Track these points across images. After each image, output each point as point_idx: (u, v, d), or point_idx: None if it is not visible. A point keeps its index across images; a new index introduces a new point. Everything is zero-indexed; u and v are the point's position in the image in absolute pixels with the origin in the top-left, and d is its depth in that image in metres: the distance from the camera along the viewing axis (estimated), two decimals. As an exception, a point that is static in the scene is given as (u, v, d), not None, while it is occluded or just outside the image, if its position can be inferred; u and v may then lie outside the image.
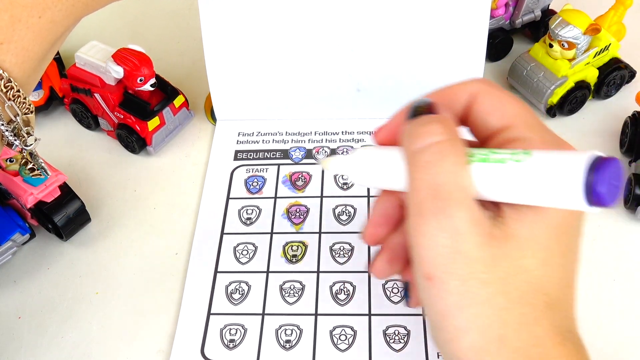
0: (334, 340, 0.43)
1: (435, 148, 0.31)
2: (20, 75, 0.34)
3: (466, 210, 0.30)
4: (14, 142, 0.36)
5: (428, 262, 0.30)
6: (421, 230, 0.30)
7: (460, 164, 0.30)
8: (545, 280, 0.31)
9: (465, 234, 0.30)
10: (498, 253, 0.30)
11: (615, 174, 0.27)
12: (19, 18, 0.33)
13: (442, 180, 0.30)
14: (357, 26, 0.52)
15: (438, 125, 0.31)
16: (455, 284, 0.30)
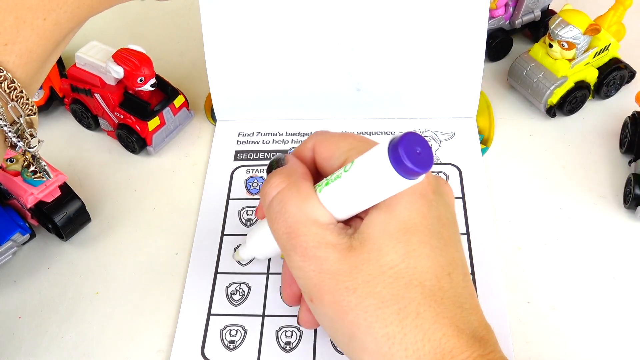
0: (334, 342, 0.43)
1: (278, 197, 0.35)
2: (23, 77, 0.35)
3: (317, 237, 0.33)
4: (17, 143, 0.36)
5: (305, 287, 0.34)
6: (292, 267, 0.35)
7: (303, 201, 0.34)
8: (414, 271, 0.32)
9: (322, 256, 0.33)
10: (358, 260, 0.33)
11: (412, 142, 0.30)
12: (23, 20, 0.34)
13: (290, 221, 0.34)
14: (357, 26, 0.52)
15: (277, 177, 0.36)
16: (328, 297, 0.33)
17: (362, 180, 0.33)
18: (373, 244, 0.33)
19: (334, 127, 0.56)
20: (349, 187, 0.34)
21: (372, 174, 0.32)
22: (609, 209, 0.50)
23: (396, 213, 0.33)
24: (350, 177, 0.33)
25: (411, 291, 0.32)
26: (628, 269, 0.46)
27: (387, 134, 0.55)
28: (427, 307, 0.32)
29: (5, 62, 0.33)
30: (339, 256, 0.33)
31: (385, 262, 0.32)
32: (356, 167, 0.33)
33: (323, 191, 0.35)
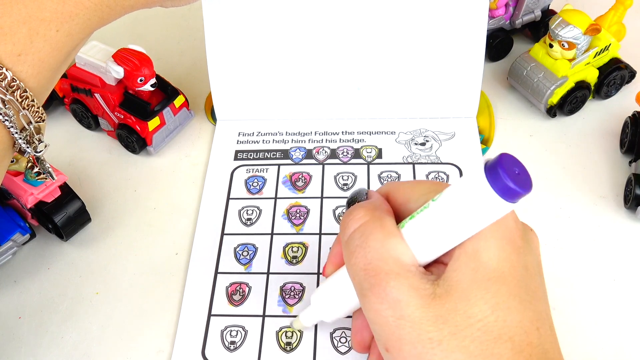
0: (334, 343, 0.43)
1: (360, 230, 0.33)
2: (35, 86, 0.36)
3: (400, 278, 0.31)
4: (26, 149, 0.37)
5: (382, 334, 0.31)
6: (368, 309, 0.32)
7: (386, 237, 0.32)
8: (503, 325, 0.30)
9: (405, 300, 0.30)
10: (443, 310, 0.30)
11: (510, 162, 0.28)
12: (36, 31, 0.35)
13: (370, 257, 0.32)
14: (357, 26, 0.52)
15: (360, 210, 0.34)
16: (407, 348, 0.30)
17: (454, 208, 0.30)
18: (461, 293, 0.30)
19: (334, 127, 0.56)
20: (438, 217, 0.31)
21: (467, 200, 0.30)
22: (609, 209, 0.50)
23: (484, 260, 0.30)
24: (440, 206, 0.31)
25: (500, 347, 0.29)
26: (628, 269, 0.46)
27: (387, 134, 0.55)
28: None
29: (18, 72, 0.34)
30: (422, 302, 0.30)
31: (473, 313, 0.30)
32: (447, 195, 0.31)
33: (406, 226, 0.32)
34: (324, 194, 0.51)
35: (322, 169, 0.53)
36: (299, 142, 0.55)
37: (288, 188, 0.52)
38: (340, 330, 0.43)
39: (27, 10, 0.34)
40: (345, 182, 0.52)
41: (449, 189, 0.31)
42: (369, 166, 0.53)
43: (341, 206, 0.50)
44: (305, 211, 0.50)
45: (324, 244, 0.48)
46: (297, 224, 0.49)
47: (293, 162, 0.53)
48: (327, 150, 0.54)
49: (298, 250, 0.48)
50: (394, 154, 0.53)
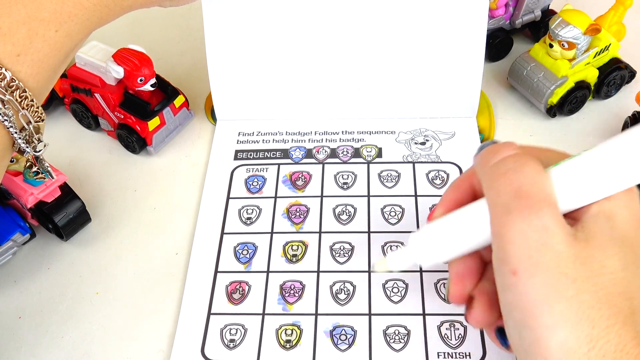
0: (334, 340, 0.43)
1: (513, 158, 0.33)
2: (34, 86, 0.36)
3: (552, 208, 0.31)
4: (25, 149, 0.37)
5: (516, 256, 0.31)
6: (508, 226, 0.31)
7: (539, 171, 0.32)
8: (628, 284, 0.31)
9: (552, 230, 0.30)
10: (583, 252, 0.31)
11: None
12: (36, 32, 0.35)
13: (525, 182, 0.31)
14: (357, 26, 0.52)
15: (512, 144, 0.34)
16: (542, 277, 0.30)
17: (608, 160, 0.31)
18: (599, 243, 0.31)
19: (334, 126, 0.56)
20: (590, 167, 0.31)
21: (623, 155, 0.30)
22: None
23: (619, 222, 0.32)
24: (594, 156, 0.31)
25: (621, 302, 0.30)
26: (629, 268, 0.46)
27: (387, 133, 0.55)
28: (631, 322, 0.30)
29: (17, 72, 0.35)
30: (567, 239, 0.31)
31: (607, 264, 0.31)
32: (604, 147, 0.31)
33: (552, 170, 0.32)
34: (323, 193, 0.51)
35: (322, 168, 0.53)
36: (299, 142, 0.55)
37: (288, 187, 0.52)
38: (340, 328, 0.43)
39: (26, 11, 0.35)
40: (345, 181, 0.52)
41: (606, 143, 0.31)
42: (369, 165, 0.53)
43: (341, 205, 0.50)
44: (305, 210, 0.50)
45: (323, 242, 0.48)
46: (297, 222, 0.49)
47: (293, 162, 0.53)
48: (327, 149, 0.54)
49: (298, 248, 0.48)
50: (394, 153, 0.53)
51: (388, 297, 0.44)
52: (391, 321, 0.43)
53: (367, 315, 0.44)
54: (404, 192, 0.51)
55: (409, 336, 0.43)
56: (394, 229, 0.48)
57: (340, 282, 0.45)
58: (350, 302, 0.44)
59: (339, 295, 0.45)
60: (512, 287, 0.31)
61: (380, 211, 0.49)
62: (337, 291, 0.45)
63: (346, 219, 0.49)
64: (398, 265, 0.38)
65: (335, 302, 0.45)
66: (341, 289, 0.45)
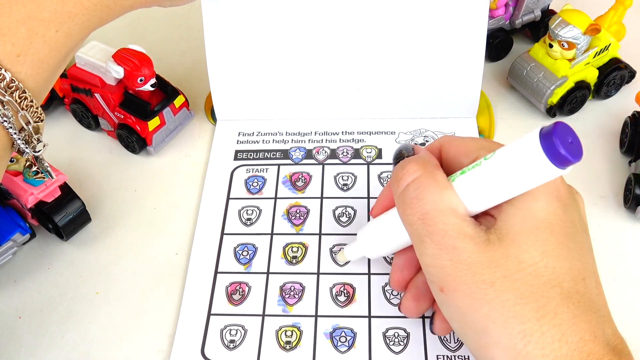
0: (334, 342, 0.43)
1: (414, 184, 0.35)
2: (34, 86, 0.36)
3: (456, 227, 0.33)
4: (25, 149, 0.37)
5: (437, 276, 0.34)
6: (424, 253, 0.34)
7: (441, 190, 0.34)
8: (552, 271, 0.32)
9: (460, 246, 0.33)
10: (497, 254, 0.32)
11: (564, 131, 0.30)
12: (36, 32, 0.35)
13: (428, 208, 0.34)
14: (357, 26, 0.52)
15: (413, 164, 0.36)
16: (463, 288, 0.32)
17: (506, 169, 0.32)
18: (512, 240, 0.32)
19: (334, 127, 0.56)
20: (490, 176, 0.33)
21: (519, 162, 0.32)
22: (609, 209, 0.50)
23: (533, 211, 0.33)
24: (492, 166, 0.33)
25: (550, 291, 0.31)
26: (628, 269, 0.46)
27: (387, 134, 0.55)
28: (566, 308, 0.31)
29: (17, 72, 0.35)
30: (477, 248, 0.32)
31: (524, 258, 0.32)
32: (500, 156, 0.33)
33: (457, 180, 0.34)
34: (323, 194, 0.51)
35: (322, 169, 0.53)
36: (299, 142, 0.55)
37: (288, 188, 0.52)
38: (340, 330, 0.43)
39: (26, 11, 0.34)
40: (345, 182, 0.52)
41: (503, 149, 0.33)
42: (369, 166, 0.53)
43: (341, 206, 0.50)
44: (305, 211, 0.50)
45: (323, 244, 0.48)
46: (297, 224, 0.49)
47: (293, 162, 0.53)
48: (327, 150, 0.54)
49: (298, 250, 0.48)
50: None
51: (388, 300, 0.45)
52: (391, 323, 0.43)
53: (366, 318, 0.44)
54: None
55: (409, 339, 0.43)
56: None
57: (340, 284, 0.45)
58: (350, 304, 0.44)
59: (339, 297, 0.45)
60: (444, 302, 0.34)
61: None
62: (337, 293, 0.45)
63: (346, 220, 0.49)
64: (353, 256, 0.45)
65: (335, 304, 0.45)
66: (341, 291, 0.45)
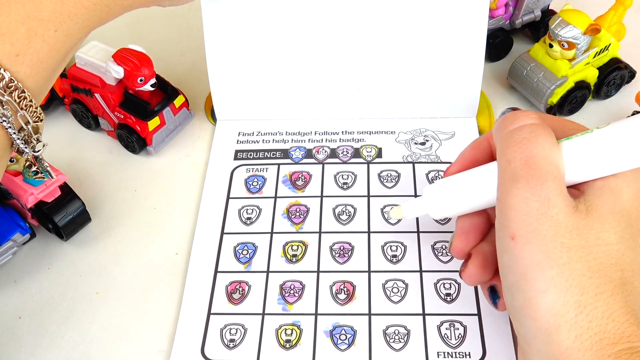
0: (334, 340, 0.43)
1: (529, 128, 0.34)
2: (33, 86, 0.36)
3: (557, 181, 0.33)
4: (24, 149, 0.37)
5: (516, 221, 0.33)
6: (513, 193, 0.33)
7: (552, 144, 0.34)
8: (621, 256, 0.32)
9: (554, 201, 0.32)
10: (581, 223, 0.32)
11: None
12: (35, 31, 0.35)
13: (536, 153, 0.33)
14: (357, 26, 0.52)
15: (533, 113, 0.35)
16: (538, 243, 0.32)
17: (619, 141, 0.32)
18: (598, 215, 0.33)
19: (334, 126, 0.56)
20: (600, 144, 0.33)
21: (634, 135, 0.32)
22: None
23: (622, 198, 0.33)
24: (605, 135, 0.33)
25: (614, 273, 0.32)
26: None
27: (387, 133, 0.55)
28: (620, 292, 0.32)
29: (16, 72, 0.34)
30: (567, 210, 0.32)
31: (603, 236, 0.32)
32: (614, 127, 0.33)
33: (563, 144, 0.34)
34: (323, 193, 0.51)
35: (322, 169, 0.53)
36: (299, 142, 0.55)
37: (288, 187, 0.52)
38: (340, 328, 0.43)
39: (25, 10, 0.34)
40: (345, 181, 0.52)
41: (617, 123, 0.33)
42: (369, 165, 0.53)
43: (341, 205, 0.50)
44: (305, 210, 0.50)
45: (323, 242, 0.48)
46: (296, 222, 0.49)
47: (293, 162, 0.53)
48: (327, 149, 0.54)
49: (298, 248, 0.48)
50: (394, 153, 0.53)
51: (388, 297, 0.44)
52: (391, 321, 0.43)
53: (367, 315, 0.44)
54: (404, 192, 0.51)
55: (409, 336, 0.43)
56: (394, 229, 0.48)
57: (340, 282, 0.45)
58: (350, 302, 0.44)
59: (339, 295, 0.45)
60: (510, 250, 0.33)
61: (380, 211, 0.49)
62: (337, 291, 0.45)
63: (346, 219, 0.49)
64: (411, 213, 0.42)
65: (335, 302, 0.45)
66: (341, 289, 0.45)
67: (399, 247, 0.47)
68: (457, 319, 0.43)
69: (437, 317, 0.43)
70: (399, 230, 0.48)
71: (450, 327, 0.43)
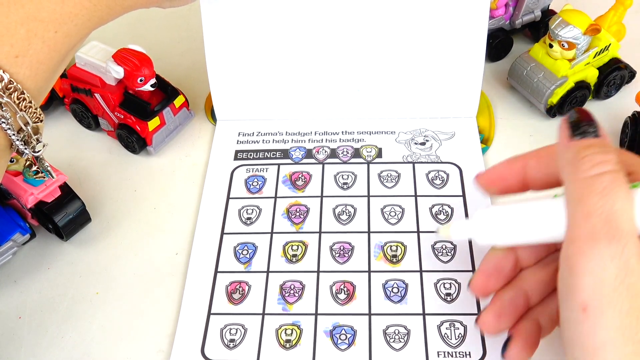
0: (334, 340, 0.43)
1: (612, 175, 0.30)
2: (33, 87, 0.35)
3: (636, 242, 0.29)
4: (24, 150, 0.37)
5: (588, 289, 0.29)
6: (590, 256, 0.29)
7: (631, 200, 0.29)
8: None
9: (632, 266, 0.28)
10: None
11: None
12: (35, 32, 0.35)
13: (618, 208, 0.29)
14: (357, 27, 0.52)
15: (613, 154, 0.31)
16: (613, 316, 0.28)
17: None
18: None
19: (334, 126, 0.56)
20: None
21: None
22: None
23: None
24: None
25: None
26: (629, 268, 0.46)
27: (387, 133, 0.55)
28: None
29: (15, 73, 0.34)
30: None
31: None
32: None
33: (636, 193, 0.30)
34: (323, 193, 0.51)
35: (322, 169, 0.53)
36: (299, 142, 0.55)
37: (288, 187, 0.52)
38: (340, 328, 0.43)
39: (25, 11, 0.34)
40: (345, 181, 0.52)
41: None
42: (369, 165, 0.53)
43: (341, 205, 0.50)
44: (305, 210, 0.50)
45: (323, 242, 0.48)
46: (296, 222, 0.49)
47: (293, 162, 0.53)
48: (327, 149, 0.54)
49: (298, 248, 0.48)
50: (394, 153, 0.53)
51: (388, 297, 0.44)
52: (391, 321, 0.43)
53: (367, 315, 0.44)
54: (404, 192, 0.51)
55: (409, 336, 0.43)
56: (394, 229, 0.48)
57: (340, 282, 0.45)
58: (350, 302, 0.44)
59: (339, 295, 0.45)
60: (580, 323, 0.29)
61: (380, 211, 0.49)
62: (337, 291, 0.45)
63: (346, 219, 0.49)
64: (458, 235, 0.38)
65: (335, 302, 0.45)
66: (341, 289, 0.45)
67: (399, 247, 0.47)
68: (457, 318, 0.43)
69: (437, 317, 0.43)
70: (399, 230, 0.48)
71: (451, 327, 0.43)
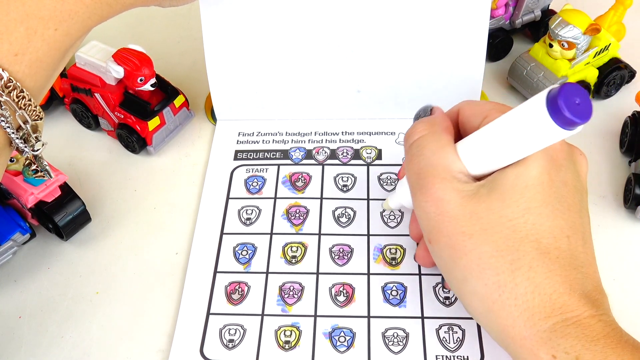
0: (333, 342, 0.43)
1: (418, 142, 0.38)
2: (32, 85, 0.35)
3: (445, 182, 0.35)
4: (24, 148, 0.37)
5: (425, 228, 0.37)
6: (415, 206, 0.37)
7: (439, 148, 0.37)
8: (531, 227, 0.33)
9: (445, 199, 0.35)
10: (479, 208, 0.34)
11: (572, 92, 0.31)
12: (34, 30, 0.34)
13: (423, 164, 0.37)
14: (357, 26, 0.52)
15: (422, 124, 0.39)
16: (444, 240, 0.35)
17: (510, 131, 0.33)
18: (499, 194, 0.34)
19: (334, 127, 0.56)
20: (493, 137, 0.34)
21: (524, 125, 0.32)
22: (609, 209, 0.50)
23: (527, 170, 0.34)
24: (497, 127, 0.34)
25: (526, 245, 0.33)
26: (628, 268, 0.46)
27: (387, 134, 0.55)
28: (541, 262, 0.33)
29: (15, 72, 0.34)
30: (461, 202, 0.35)
31: (505, 213, 0.34)
32: (505, 118, 0.34)
33: (461, 142, 0.36)
34: (323, 195, 0.51)
35: (322, 170, 0.53)
36: (299, 142, 0.55)
37: (288, 188, 0.52)
38: (339, 330, 0.43)
39: (25, 9, 0.34)
40: (345, 183, 0.52)
41: (508, 113, 0.34)
42: (369, 167, 0.53)
43: (340, 207, 0.50)
44: (305, 211, 0.50)
45: (323, 244, 0.48)
46: (296, 224, 0.49)
47: (293, 162, 0.53)
48: (327, 150, 0.54)
49: (297, 250, 0.48)
50: (394, 154, 0.53)
51: (387, 300, 0.45)
52: (390, 324, 0.43)
53: (366, 318, 0.44)
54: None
55: (408, 339, 0.43)
56: (393, 232, 0.48)
57: (339, 284, 0.45)
58: (349, 304, 0.44)
59: (338, 297, 0.45)
60: (433, 253, 0.37)
61: (380, 214, 0.49)
62: (336, 293, 0.45)
63: (346, 221, 0.49)
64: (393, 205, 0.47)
65: (335, 304, 0.45)
66: (340, 291, 0.45)
67: (399, 250, 0.47)
68: (456, 322, 0.43)
69: (436, 321, 0.43)
70: (398, 233, 0.48)
71: (449, 331, 0.43)
